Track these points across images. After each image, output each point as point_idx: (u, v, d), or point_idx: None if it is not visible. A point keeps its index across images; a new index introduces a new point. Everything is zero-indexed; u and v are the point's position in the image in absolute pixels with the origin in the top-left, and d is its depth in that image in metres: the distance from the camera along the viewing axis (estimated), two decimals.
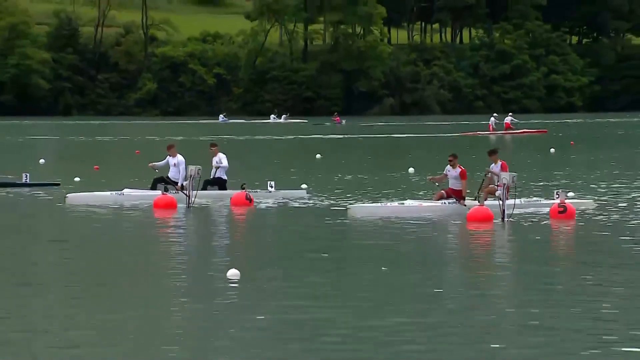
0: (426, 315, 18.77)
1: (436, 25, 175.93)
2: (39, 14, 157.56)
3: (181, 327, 18.29)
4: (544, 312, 18.85)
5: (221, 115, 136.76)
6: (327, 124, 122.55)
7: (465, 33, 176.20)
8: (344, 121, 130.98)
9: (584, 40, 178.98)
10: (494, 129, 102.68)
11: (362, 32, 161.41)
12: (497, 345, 16.43)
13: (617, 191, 41.17)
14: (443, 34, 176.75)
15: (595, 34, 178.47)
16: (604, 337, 16.87)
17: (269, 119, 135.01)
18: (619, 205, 36.17)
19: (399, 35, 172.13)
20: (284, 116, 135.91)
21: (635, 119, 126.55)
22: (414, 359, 15.46)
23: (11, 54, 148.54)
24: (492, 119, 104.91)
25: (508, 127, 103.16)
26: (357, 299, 20.17)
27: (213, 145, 40.45)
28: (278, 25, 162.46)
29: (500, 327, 17.89)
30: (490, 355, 15.98)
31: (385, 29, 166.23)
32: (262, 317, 18.89)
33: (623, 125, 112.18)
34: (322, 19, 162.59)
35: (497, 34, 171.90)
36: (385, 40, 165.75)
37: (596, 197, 37.88)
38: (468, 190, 34.43)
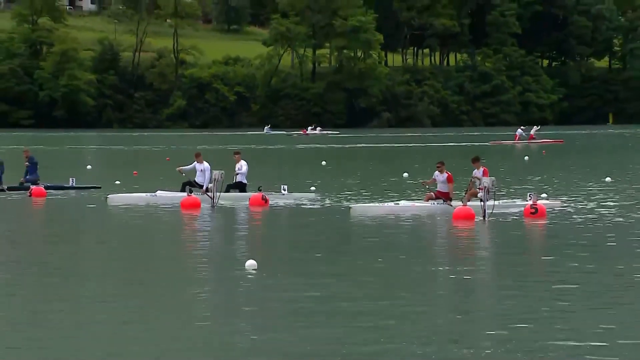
0: (417, 297, 18.83)
1: (426, 50, 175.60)
2: (86, 41, 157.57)
3: (207, 308, 18.36)
4: (516, 296, 18.91)
5: (266, 127, 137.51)
6: (295, 135, 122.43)
7: (452, 57, 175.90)
8: (320, 130, 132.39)
9: (553, 64, 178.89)
10: (520, 139, 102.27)
11: (362, 56, 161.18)
12: (474, 323, 16.47)
13: (582, 194, 41.06)
14: (432, 58, 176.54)
15: (563, 58, 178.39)
16: (569, 319, 16.86)
17: (307, 130, 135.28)
18: (583, 206, 36.07)
19: (394, 59, 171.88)
20: (318, 128, 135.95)
21: (595, 131, 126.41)
22: (410, 330, 15.50)
23: (62, 76, 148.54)
24: (520, 130, 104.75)
25: (532, 138, 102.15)
26: (357, 284, 20.24)
27: (236, 153, 40.45)
28: (290, 50, 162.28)
29: (477, 308, 17.94)
30: (466, 334, 15.96)
31: (383, 53, 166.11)
32: (275, 301, 18.94)
33: (587, 137, 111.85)
34: (328, 44, 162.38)
35: (479, 58, 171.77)
36: (383, 63, 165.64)
37: (564, 199, 37.79)
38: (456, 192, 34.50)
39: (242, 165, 38.92)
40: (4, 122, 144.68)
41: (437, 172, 34.41)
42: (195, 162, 38.17)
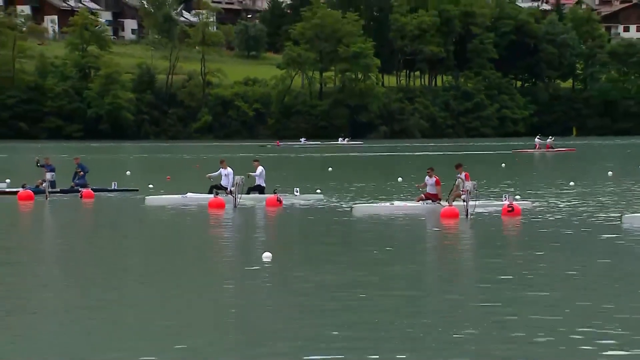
0: (408, 285, 18.79)
1: (417, 73, 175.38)
2: (127, 66, 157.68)
3: (229, 291, 18.34)
4: (493, 285, 18.87)
5: (302, 139, 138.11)
6: (269, 145, 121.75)
7: (439, 79, 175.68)
8: (348, 140, 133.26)
9: (525, 84, 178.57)
10: (539, 148, 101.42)
11: (362, 77, 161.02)
12: (458, 305, 16.42)
13: (552, 195, 41.05)
14: (422, 79, 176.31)
15: (533, 80, 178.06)
16: (542, 303, 16.81)
17: (337, 141, 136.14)
18: (553, 206, 36.07)
19: (390, 80, 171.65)
20: (346, 139, 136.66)
21: (561, 142, 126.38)
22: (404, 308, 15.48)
23: (107, 95, 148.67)
24: (538, 140, 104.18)
25: (549, 148, 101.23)
26: (357, 271, 20.20)
27: (255, 160, 40.60)
28: (300, 73, 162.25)
29: (459, 290, 17.92)
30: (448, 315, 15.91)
31: (380, 75, 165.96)
32: (288, 289, 18.91)
33: (523, 147, 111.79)
34: (333, 68, 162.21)
35: (462, 79, 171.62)
36: (380, 83, 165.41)
37: (536, 200, 37.75)
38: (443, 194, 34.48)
39: (261, 171, 39.03)
40: (58, 134, 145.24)
41: (427, 177, 34.48)
42: (220, 168, 38.25)
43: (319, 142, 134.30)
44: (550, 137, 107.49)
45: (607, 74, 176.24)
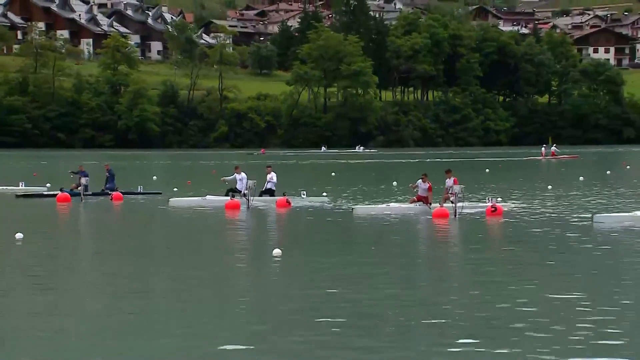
0: (404, 275, 18.75)
1: (411, 89, 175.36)
2: (153, 83, 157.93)
3: (243, 282, 18.30)
4: (476, 274, 18.84)
5: (323, 147, 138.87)
6: (255, 153, 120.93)
7: (430, 94, 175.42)
8: (363, 148, 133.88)
9: (507, 99, 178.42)
10: (544, 155, 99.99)
11: (362, 93, 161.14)
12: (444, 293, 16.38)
13: (530, 197, 41.06)
14: (415, 94, 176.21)
15: (514, 95, 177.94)
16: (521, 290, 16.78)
17: (356, 149, 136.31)
18: (532, 207, 36.06)
19: (386, 95, 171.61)
20: (362, 147, 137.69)
21: (534, 151, 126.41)
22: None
23: (135, 109, 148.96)
24: (543, 148, 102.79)
25: (553, 155, 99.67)
26: (358, 264, 20.16)
27: (268, 166, 40.70)
28: (307, 88, 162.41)
29: (448, 282, 17.86)
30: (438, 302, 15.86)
31: (377, 91, 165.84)
32: (296, 280, 18.88)
33: (531, 155, 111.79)
34: (336, 84, 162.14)
35: (451, 94, 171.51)
36: (377, 98, 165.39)
37: (516, 202, 37.75)
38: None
39: (273, 176, 39.09)
40: (92, 143, 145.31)
41: (420, 181, 34.47)
42: (235, 173, 38.27)
43: (337, 150, 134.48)
44: (554, 145, 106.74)
45: (579, 90, 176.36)
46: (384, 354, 12.16)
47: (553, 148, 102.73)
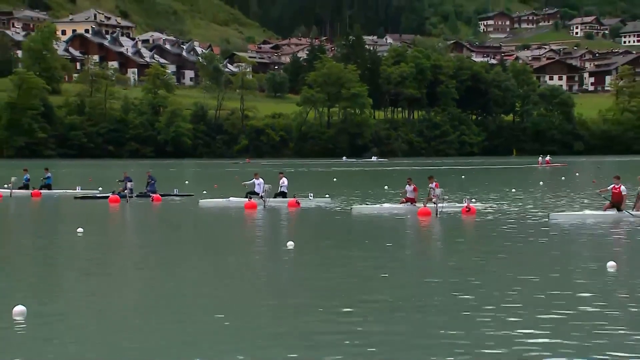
0: (392, 262, 18.74)
1: (399, 109, 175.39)
2: (186, 104, 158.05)
3: (260, 270, 18.30)
4: (452, 263, 18.81)
5: (344, 157, 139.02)
6: (241, 162, 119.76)
7: (416, 113, 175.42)
8: (377, 158, 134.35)
9: (479, 117, 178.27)
10: (541, 163, 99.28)
11: (359, 112, 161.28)
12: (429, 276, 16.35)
13: (499, 199, 40.99)
14: (403, 114, 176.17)
15: (484, 114, 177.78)
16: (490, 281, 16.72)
17: (371, 158, 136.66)
18: (500, 207, 36.02)
19: (379, 114, 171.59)
20: (375, 157, 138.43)
21: (504, 160, 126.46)
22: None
23: (172, 126, 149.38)
24: (540, 158, 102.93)
25: (548, 163, 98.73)
26: (355, 254, 20.18)
27: (280, 173, 40.69)
28: (313, 108, 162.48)
29: (428, 268, 17.86)
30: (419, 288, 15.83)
31: (372, 110, 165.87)
32: (306, 269, 18.88)
33: (502, 164, 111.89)
34: (337, 105, 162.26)
35: (433, 114, 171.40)
36: (372, 117, 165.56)
37: (488, 203, 37.70)
38: (422, 198, 34.38)
39: (285, 181, 39.07)
40: (136, 154, 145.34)
41: (407, 185, 34.48)
42: (254, 178, 38.28)
43: (354, 160, 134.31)
44: (548, 156, 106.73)
45: (537, 111, 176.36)
46: (370, 324, 12.17)
47: (548, 158, 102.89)
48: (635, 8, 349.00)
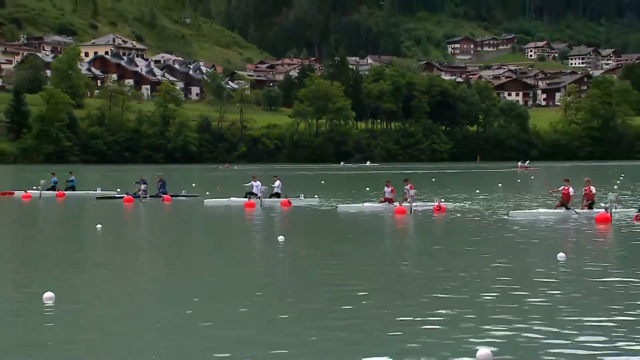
0: (371, 252, 18.74)
1: (379, 120, 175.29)
2: (193, 116, 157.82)
3: (256, 261, 18.27)
4: (424, 253, 18.81)
5: (342, 162, 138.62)
6: (220, 167, 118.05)
7: (393, 124, 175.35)
8: (370, 163, 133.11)
9: (447, 128, 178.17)
10: (520, 168, 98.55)
11: (343, 123, 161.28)
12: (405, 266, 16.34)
13: (465, 199, 41.05)
14: (382, 125, 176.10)
15: (452, 125, 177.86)
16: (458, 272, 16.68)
17: (367, 163, 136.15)
18: (466, 206, 36.09)
19: (361, 125, 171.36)
20: (369, 162, 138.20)
21: (468, 165, 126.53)
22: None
23: (180, 135, 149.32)
24: (519, 163, 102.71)
25: (526, 168, 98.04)
26: (338, 247, 20.15)
27: (275, 176, 40.62)
28: (304, 120, 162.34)
29: (401, 258, 17.86)
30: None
31: (354, 122, 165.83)
32: (295, 258, 18.85)
33: (472, 168, 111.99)
34: (324, 117, 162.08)
35: (407, 125, 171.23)
36: (355, 127, 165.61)
37: (456, 202, 37.77)
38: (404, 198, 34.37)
39: (279, 183, 39.01)
40: (149, 160, 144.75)
41: (385, 187, 34.45)
42: (252, 181, 38.22)
43: (352, 165, 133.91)
44: (526, 161, 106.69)
45: (498, 122, 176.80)
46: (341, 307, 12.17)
47: (526, 163, 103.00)
48: (579, 35, 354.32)
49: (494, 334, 10.51)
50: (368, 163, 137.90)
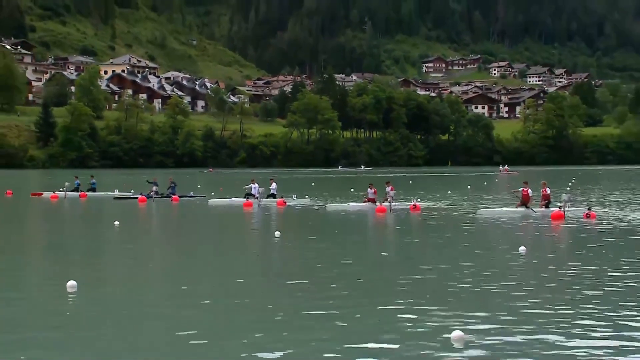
0: (356, 246, 18.69)
1: (362, 130, 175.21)
2: (199, 126, 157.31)
3: (254, 254, 18.17)
4: (401, 245, 18.77)
5: (340, 166, 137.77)
6: (204, 171, 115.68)
7: (374, 133, 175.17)
8: (364, 167, 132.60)
9: (422, 137, 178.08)
10: (501, 171, 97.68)
11: (331, 132, 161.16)
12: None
13: (438, 199, 41.04)
14: (366, 134, 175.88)
15: (426, 134, 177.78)
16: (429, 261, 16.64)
17: (361, 167, 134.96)
18: (439, 205, 36.08)
19: (346, 134, 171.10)
20: (363, 166, 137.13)
21: (440, 168, 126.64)
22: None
23: (187, 142, 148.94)
24: (501, 167, 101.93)
25: (507, 171, 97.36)
26: (328, 243, 20.10)
27: (271, 179, 40.51)
28: (296, 130, 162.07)
29: (382, 250, 17.81)
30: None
31: (341, 131, 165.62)
32: (290, 251, 18.78)
33: (444, 172, 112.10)
34: (315, 127, 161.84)
35: (387, 134, 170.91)
36: (341, 136, 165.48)
37: (432, 202, 37.76)
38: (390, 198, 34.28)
39: (275, 185, 38.92)
40: (161, 165, 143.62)
41: (369, 189, 34.39)
42: (251, 183, 38.11)
43: (349, 168, 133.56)
44: (506, 166, 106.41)
45: (466, 132, 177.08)
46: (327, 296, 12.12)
47: (506, 167, 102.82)
48: (536, 56, 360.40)
49: (464, 319, 10.50)
50: (362, 167, 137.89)
